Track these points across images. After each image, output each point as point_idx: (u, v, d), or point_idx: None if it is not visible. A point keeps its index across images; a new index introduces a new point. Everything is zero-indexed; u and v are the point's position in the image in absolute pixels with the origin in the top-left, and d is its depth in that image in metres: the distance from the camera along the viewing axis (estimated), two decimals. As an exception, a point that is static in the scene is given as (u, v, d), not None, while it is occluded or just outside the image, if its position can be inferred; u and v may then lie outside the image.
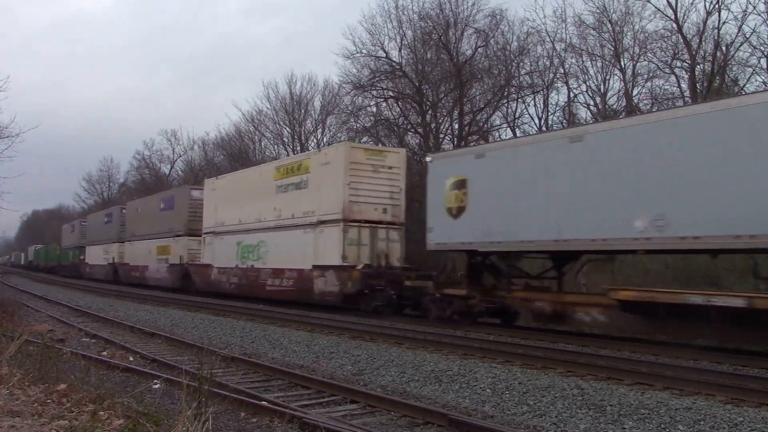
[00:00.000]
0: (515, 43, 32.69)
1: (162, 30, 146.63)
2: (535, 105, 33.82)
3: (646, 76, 28.69)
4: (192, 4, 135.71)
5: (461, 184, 14.75)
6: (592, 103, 30.64)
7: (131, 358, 11.22)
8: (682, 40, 26.35)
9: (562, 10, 44.72)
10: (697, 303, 10.31)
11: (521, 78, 33.01)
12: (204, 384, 5.73)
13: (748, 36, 24.32)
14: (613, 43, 29.02)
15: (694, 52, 25.38)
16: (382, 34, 35.51)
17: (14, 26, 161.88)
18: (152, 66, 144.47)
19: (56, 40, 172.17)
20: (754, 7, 24.59)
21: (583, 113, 30.91)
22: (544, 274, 14.59)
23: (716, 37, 25.39)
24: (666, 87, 27.98)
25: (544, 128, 32.94)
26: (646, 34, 28.17)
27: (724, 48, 25.11)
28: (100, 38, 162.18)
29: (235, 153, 52.60)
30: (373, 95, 36.88)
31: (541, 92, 32.55)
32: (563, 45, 30.99)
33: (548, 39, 31.36)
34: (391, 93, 36.63)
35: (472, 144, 29.73)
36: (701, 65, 25.82)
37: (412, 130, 35.75)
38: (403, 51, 35.59)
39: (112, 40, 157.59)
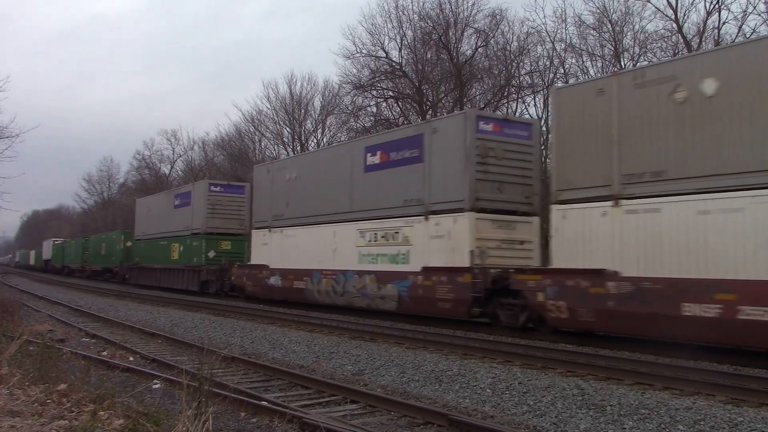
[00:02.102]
0: (515, 43, 32.74)
1: (177, 34, 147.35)
2: (535, 105, 33.85)
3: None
4: (212, 4, 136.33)
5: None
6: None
7: (131, 358, 11.22)
8: (682, 40, 26.37)
9: (562, 10, 44.94)
10: None
11: (521, 78, 33.05)
12: (204, 384, 5.73)
13: (748, 36, 24.33)
14: (613, 43, 29.04)
15: (694, 52, 25.43)
16: (382, 34, 35.56)
17: (30, 30, 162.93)
18: (164, 68, 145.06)
19: (72, 43, 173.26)
20: (754, 7, 24.64)
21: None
22: None
23: (716, 37, 25.42)
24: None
25: (544, 128, 32.94)
26: (646, 34, 28.22)
27: (724, 48, 25.12)
28: (115, 42, 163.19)
29: (235, 153, 52.65)
30: (373, 95, 36.93)
31: (541, 92, 32.55)
32: (563, 45, 31.02)
33: (548, 39, 31.40)
34: (391, 93, 36.65)
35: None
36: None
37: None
38: (403, 51, 35.63)
39: (128, 43, 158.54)
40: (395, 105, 37.07)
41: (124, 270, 38.58)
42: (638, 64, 26.17)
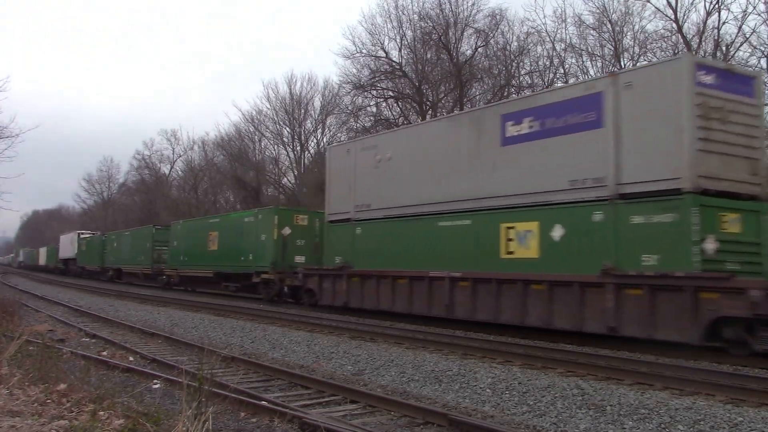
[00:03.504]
0: (515, 43, 32.77)
1: (182, 34, 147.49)
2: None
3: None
4: (220, 5, 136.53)
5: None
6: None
7: (131, 358, 11.21)
8: (682, 40, 26.37)
9: (562, 10, 45.00)
10: None
11: (521, 78, 33.06)
12: (204, 384, 5.73)
13: (748, 36, 24.38)
14: (613, 43, 29.05)
15: (694, 52, 25.37)
16: (382, 34, 35.59)
17: (34, 30, 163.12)
18: (165, 69, 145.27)
19: (75, 44, 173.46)
20: (754, 7, 24.66)
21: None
22: None
23: (716, 37, 25.44)
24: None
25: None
26: (646, 34, 28.24)
27: (724, 48, 25.15)
28: (120, 43, 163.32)
29: (235, 153, 52.65)
30: (373, 95, 36.94)
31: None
32: (563, 45, 31.04)
33: (548, 39, 31.43)
34: (391, 93, 36.67)
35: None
36: (702, 65, 25.82)
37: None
38: (403, 51, 35.66)
39: (132, 44, 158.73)
40: (395, 105, 37.09)
41: (296, 276, 20.98)
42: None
